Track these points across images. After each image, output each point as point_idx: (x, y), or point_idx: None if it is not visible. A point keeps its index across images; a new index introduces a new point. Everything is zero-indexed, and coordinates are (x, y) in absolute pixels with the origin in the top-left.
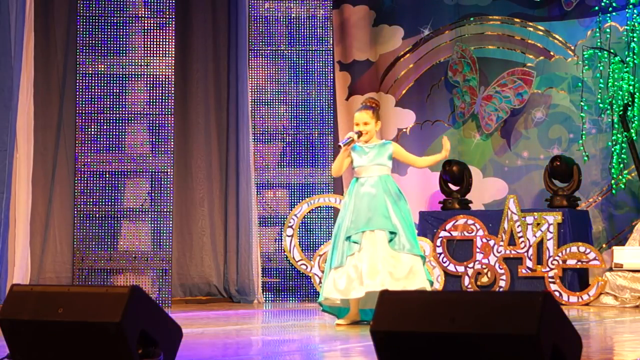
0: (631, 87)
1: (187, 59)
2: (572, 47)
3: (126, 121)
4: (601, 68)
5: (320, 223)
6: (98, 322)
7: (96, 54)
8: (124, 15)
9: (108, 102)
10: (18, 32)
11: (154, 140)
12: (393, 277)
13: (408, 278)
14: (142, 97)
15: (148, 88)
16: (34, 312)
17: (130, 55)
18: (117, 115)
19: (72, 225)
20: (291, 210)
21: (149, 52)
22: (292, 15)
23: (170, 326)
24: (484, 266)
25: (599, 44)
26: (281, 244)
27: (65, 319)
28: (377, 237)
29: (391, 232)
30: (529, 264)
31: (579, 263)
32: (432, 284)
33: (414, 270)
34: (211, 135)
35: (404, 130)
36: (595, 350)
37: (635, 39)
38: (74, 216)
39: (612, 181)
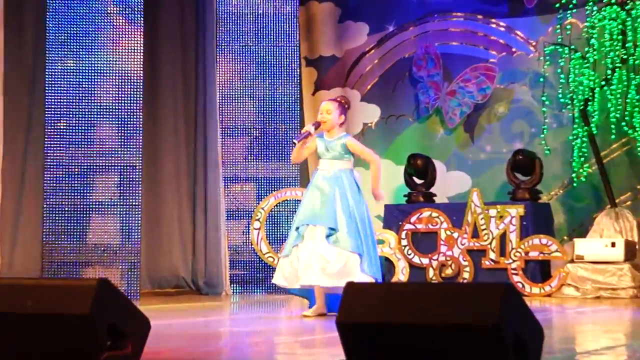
0: (591, 82)
1: (156, 54)
2: (534, 43)
3: (95, 116)
4: (562, 64)
5: (287, 216)
6: (66, 315)
7: (65, 49)
8: (93, 10)
9: (77, 98)
10: None
11: (122, 135)
12: (324, 273)
13: (341, 275)
14: (110, 92)
15: (117, 83)
16: (2, 305)
17: (99, 50)
18: (86, 110)
19: (42, 219)
20: (258, 203)
21: (118, 47)
22: (259, 11)
23: (138, 318)
24: (448, 258)
25: (560, 40)
26: (249, 237)
27: (34, 311)
28: (317, 233)
29: (331, 229)
30: (492, 256)
31: (541, 255)
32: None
33: (348, 267)
34: (179, 130)
35: (369, 124)
36: (557, 340)
37: (595, 36)
38: (44, 210)
39: (573, 174)
